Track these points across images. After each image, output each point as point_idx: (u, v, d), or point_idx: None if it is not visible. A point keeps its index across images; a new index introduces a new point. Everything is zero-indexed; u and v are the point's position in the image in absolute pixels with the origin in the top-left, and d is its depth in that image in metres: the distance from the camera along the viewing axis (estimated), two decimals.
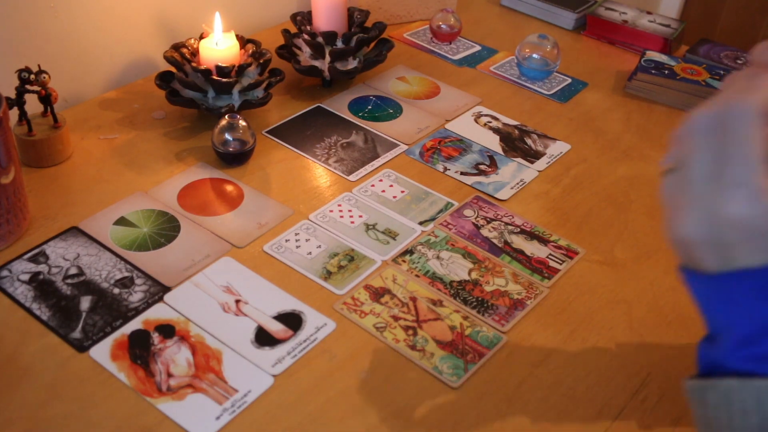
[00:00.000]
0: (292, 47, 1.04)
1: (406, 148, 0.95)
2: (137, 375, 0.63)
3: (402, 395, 0.64)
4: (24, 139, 0.84)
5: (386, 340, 0.68)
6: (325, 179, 0.88)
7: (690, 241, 0.43)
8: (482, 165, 0.93)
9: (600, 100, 1.09)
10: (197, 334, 0.67)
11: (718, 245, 0.42)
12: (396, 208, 0.84)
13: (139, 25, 1.04)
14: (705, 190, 0.42)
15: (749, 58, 0.46)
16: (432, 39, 1.21)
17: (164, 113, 0.97)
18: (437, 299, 0.73)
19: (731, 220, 0.41)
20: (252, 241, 0.78)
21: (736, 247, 0.42)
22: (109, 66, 1.03)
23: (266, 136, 0.95)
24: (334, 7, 1.01)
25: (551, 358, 0.68)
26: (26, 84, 0.82)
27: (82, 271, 0.73)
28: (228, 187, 0.86)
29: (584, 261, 0.79)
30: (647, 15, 1.29)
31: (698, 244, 0.43)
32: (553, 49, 1.10)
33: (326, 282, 0.74)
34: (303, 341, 0.68)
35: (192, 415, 0.61)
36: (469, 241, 0.80)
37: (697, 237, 0.43)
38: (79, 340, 0.66)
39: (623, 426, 0.63)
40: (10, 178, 0.72)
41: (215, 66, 0.91)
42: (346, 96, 1.04)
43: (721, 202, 0.41)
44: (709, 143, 0.42)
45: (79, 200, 0.82)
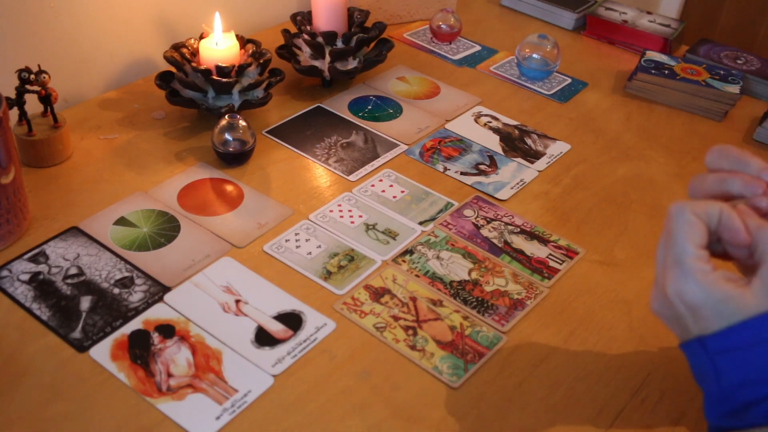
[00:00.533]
0: (292, 47, 1.04)
1: (406, 148, 0.95)
2: (137, 375, 0.63)
3: (402, 395, 0.64)
4: (24, 139, 0.84)
5: (386, 340, 0.68)
6: (325, 179, 0.88)
7: (655, 313, 0.53)
8: (482, 165, 0.93)
9: (600, 100, 1.09)
10: (197, 334, 0.67)
11: (672, 318, 0.51)
12: (396, 208, 0.84)
13: (139, 25, 1.04)
14: (659, 272, 0.52)
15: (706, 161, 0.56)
16: (432, 39, 1.21)
17: (164, 113, 0.97)
18: (437, 299, 0.73)
19: (672, 295, 0.49)
20: (252, 241, 0.78)
21: (685, 318, 0.49)
22: (109, 66, 1.03)
23: (266, 136, 0.95)
24: (334, 7, 1.01)
25: (551, 358, 0.68)
26: (26, 84, 0.82)
27: (82, 271, 0.73)
28: (228, 187, 0.86)
29: (584, 261, 0.79)
30: (647, 15, 1.29)
31: (660, 317, 0.52)
32: (553, 49, 1.10)
33: (326, 282, 0.74)
34: (303, 341, 0.68)
35: (192, 415, 0.61)
36: (469, 241, 0.80)
37: (657, 311, 0.52)
38: (79, 340, 0.66)
39: (623, 426, 0.63)
40: (10, 178, 0.72)
41: (215, 66, 0.91)
42: (346, 96, 1.04)
43: (664, 281, 0.50)
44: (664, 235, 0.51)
45: (79, 200, 0.82)
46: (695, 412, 0.64)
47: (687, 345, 0.50)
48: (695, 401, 0.65)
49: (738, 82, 1.08)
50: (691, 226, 0.49)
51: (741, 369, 0.47)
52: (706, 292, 0.47)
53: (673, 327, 0.51)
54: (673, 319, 0.50)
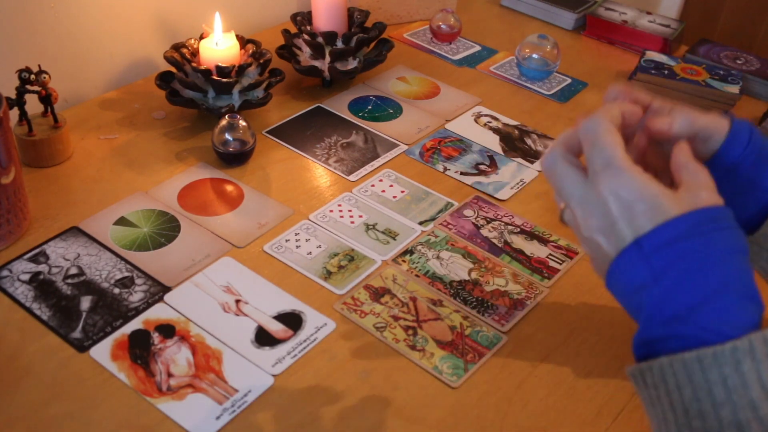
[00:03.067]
0: (292, 47, 1.05)
1: (406, 148, 0.95)
2: (137, 375, 0.63)
3: (402, 395, 0.64)
4: (24, 139, 0.84)
5: (386, 340, 0.68)
6: (325, 179, 0.88)
7: (591, 236, 0.50)
8: (482, 165, 0.93)
9: (600, 101, 1.08)
10: (197, 334, 0.67)
11: (605, 228, 0.49)
12: (396, 208, 0.84)
13: (139, 26, 1.04)
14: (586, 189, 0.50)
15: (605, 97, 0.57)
16: (432, 39, 1.21)
17: (164, 113, 0.97)
18: (437, 299, 0.73)
19: (607, 194, 0.48)
20: (252, 241, 0.78)
21: (619, 221, 0.48)
22: (109, 66, 1.03)
23: (266, 136, 0.95)
24: (334, 7, 1.01)
25: (551, 358, 0.68)
26: (26, 84, 0.82)
27: (83, 271, 0.73)
28: (228, 187, 0.86)
29: (584, 261, 0.79)
30: (647, 15, 1.29)
31: (597, 233, 0.49)
32: (553, 50, 1.10)
33: (326, 282, 0.74)
34: (303, 341, 0.68)
35: (192, 414, 0.61)
36: (469, 241, 0.80)
37: (595, 228, 0.49)
38: (79, 340, 0.66)
39: (623, 426, 0.63)
40: (10, 178, 0.72)
41: (215, 66, 0.91)
42: (346, 96, 1.04)
43: (597, 182, 0.49)
44: (568, 162, 0.51)
45: (80, 200, 0.82)
46: None
47: (620, 259, 0.48)
48: None
49: (738, 82, 1.08)
50: (610, 132, 0.50)
51: (678, 263, 0.46)
52: (642, 185, 0.47)
53: (607, 241, 0.49)
54: (607, 227, 0.48)
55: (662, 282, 0.46)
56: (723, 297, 0.45)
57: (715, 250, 0.46)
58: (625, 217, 0.48)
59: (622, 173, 0.48)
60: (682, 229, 0.46)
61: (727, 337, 0.44)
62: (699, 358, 0.44)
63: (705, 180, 0.49)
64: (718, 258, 0.46)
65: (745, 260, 0.47)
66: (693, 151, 0.62)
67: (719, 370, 0.43)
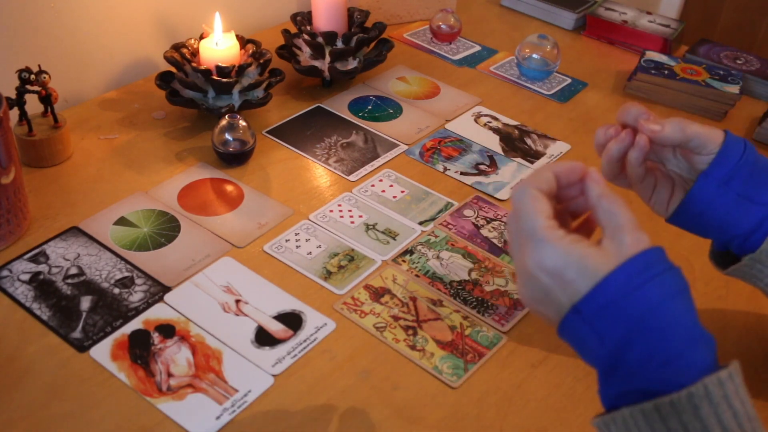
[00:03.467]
0: (292, 47, 1.05)
1: (406, 148, 0.95)
2: (137, 375, 0.63)
3: (402, 395, 0.64)
4: (24, 139, 0.84)
5: (386, 340, 0.68)
6: (325, 179, 0.88)
7: (527, 303, 0.50)
8: (482, 165, 0.93)
9: (600, 100, 1.09)
10: (197, 334, 0.67)
11: (541, 297, 0.49)
12: (396, 208, 0.84)
13: (140, 26, 1.04)
14: (516, 258, 0.50)
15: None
16: (432, 39, 1.21)
17: (164, 113, 0.97)
18: (437, 299, 0.73)
19: (534, 269, 0.48)
20: (252, 241, 0.78)
21: (553, 290, 0.48)
22: (109, 66, 1.03)
23: (266, 136, 0.95)
24: (334, 7, 1.01)
25: (551, 358, 0.68)
26: (26, 84, 0.82)
27: (83, 271, 0.73)
28: (228, 187, 0.86)
29: None
30: (647, 15, 1.29)
31: (532, 304, 0.50)
32: (553, 50, 1.10)
33: (326, 282, 0.74)
34: (303, 341, 0.68)
35: (192, 414, 0.61)
36: (469, 241, 0.80)
37: (527, 298, 0.50)
38: (79, 339, 0.66)
39: None
40: (10, 178, 0.72)
41: (215, 66, 0.91)
42: (346, 96, 1.04)
43: (523, 259, 0.49)
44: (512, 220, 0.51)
45: (80, 200, 0.82)
46: None
47: (564, 323, 0.48)
48: None
49: (738, 82, 1.08)
50: (534, 199, 0.49)
51: (619, 323, 0.45)
52: (565, 253, 0.47)
53: (547, 310, 0.49)
54: (543, 297, 0.48)
55: (607, 344, 0.46)
56: (669, 348, 0.45)
57: (651, 302, 0.45)
58: (557, 286, 0.47)
59: (544, 244, 0.48)
60: (613, 289, 0.45)
61: (682, 386, 0.43)
62: (657, 408, 0.43)
63: (624, 219, 0.48)
64: (658, 310, 0.45)
65: (686, 299, 0.47)
66: (688, 161, 0.63)
67: (678, 417, 0.43)
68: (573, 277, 0.46)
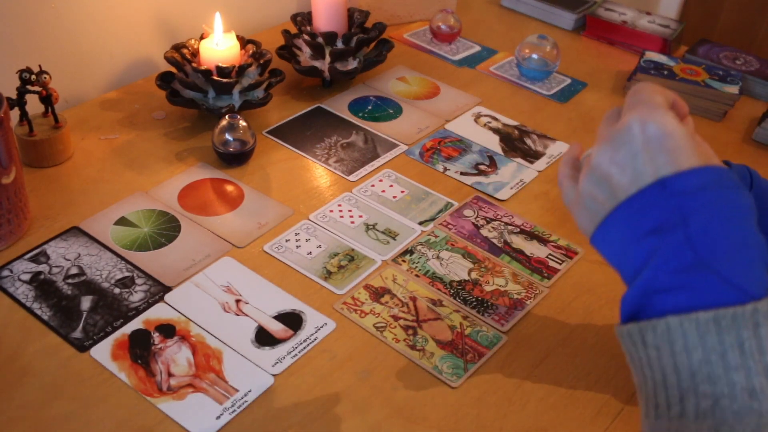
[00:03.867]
0: (292, 47, 1.05)
1: (406, 148, 0.95)
2: (138, 375, 0.63)
3: (402, 395, 0.64)
4: (25, 139, 0.84)
5: (386, 339, 0.69)
6: (325, 179, 0.88)
7: (604, 170, 0.48)
8: (482, 165, 0.93)
9: (599, 101, 1.09)
10: (198, 334, 0.68)
11: (627, 159, 0.46)
12: (396, 208, 0.84)
13: (140, 26, 1.04)
14: (614, 124, 0.48)
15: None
16: (432, 39, 1.21)
17: (164, 113, 0.97)
18: (437, 299, 0.73)
19: (634, 123, 0.46)
20: (252, 241, 0.78)
21: (639, 156, 0.45)
22: (109, 66, 1.03)
23: (266, 136, 0.95)
24: (334, 7, 1.01)
25: (551, 358, 0.68)
26: (27, 84, 0.82)
27: (83, 271, 0.73)
28: (228, 187, 0.86)
29: (584, 261, 0.80)
30: (646, 15, 1.29)
31: (612, 165, 0.47)
32: (553, 50, 1.10)
33: (326, 282, 0.74)
34: (303, 341, 0.68)
35: (192, 414, 0.61)
36: (468, 241, 0.80)
37: (610, 159, 0.47)
38: (79, 339, 0.66)
39: (623, 426, 0.63)
40: (11, 179, 0.72)
41: (215, 66, 0.91)
42: (346, 96, 1.04)
43: (627, 120, 0.47)
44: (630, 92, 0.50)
45: (80, 200, 0.82)
46: None
47: (639, 195, 0.45)
48: None
49: (737, 82, 1.08)
50: (658, 92, 0.48)
51: (706, 212, 0.43)
52: (676, 124, 0.45)
53: (620, 177, 0.46)
54: (626, 160, 0.45)
55: (687, 226, 0.43)
56: (748, 251, 0.43)
57: (738, 205, 0.44)
58: (650, 151, 0.45)
59: (656, 109, 0.45)
60: (710, 178, 0.44)
61: (746, 293, 0.41)
62: (716, 319, 0.41)
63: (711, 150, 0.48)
64: (742, 214, 0.44)
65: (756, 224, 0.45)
66: None
67: (737, 332, 0.41)
68: (670, 148, 0.44)
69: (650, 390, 0.45)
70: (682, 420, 0.42)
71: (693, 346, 0.42)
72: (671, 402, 0.43)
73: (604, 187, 0.48)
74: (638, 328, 0.44)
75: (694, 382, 0.42)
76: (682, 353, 0.42)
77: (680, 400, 0.42)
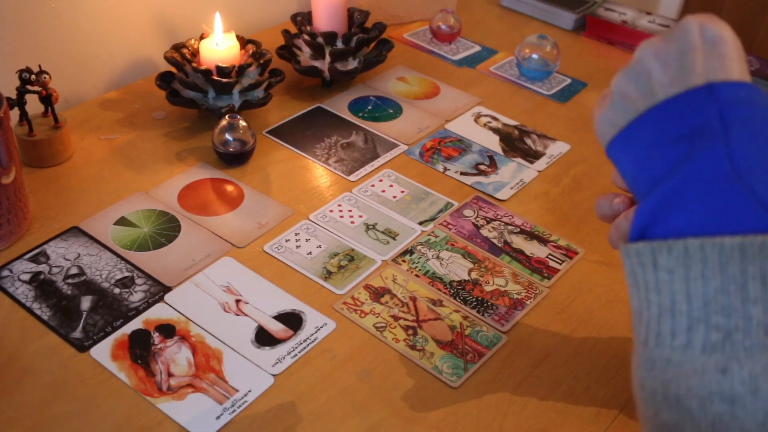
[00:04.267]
0: (292, 47, 1.05)
1: (406, 148, 0.95)
2: (138, 375, 0.63)
3: (402, 395, 0.64)
4: (25, 139, 0.84)
5: (386, 339, 0.69)
6: (325, 179, 0.88)
7: (646, 60, 0.45)
8: (482, 165, 0.93)
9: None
10: (197, 334, 0.68)
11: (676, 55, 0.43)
12: (396, 208, 0.84)
13: (140, 26, 1.04)
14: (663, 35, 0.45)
15: None
16: (432, 39, 1.21)
17: (164, 113, 0.97)
18: (437, 299, 0.73)
19: (693, 24, 0.43)
20: (252, 241, 0.78)
21: (694, 52, 0.42)
22: (109, 66, 1.03)
23: (266, 136, 0.95)
24: (334, 7, 1.01)
25: (551, 358, 0.68)
26: (27, 84, 0.82)
27: (83, 271, 0.73)
28: (228, 187, 0.86)
29: (584, 261, 0.80)
30: (647, 15, 1.29)
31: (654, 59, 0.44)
32: (553, 50, 1.10)
33: (326, 282, 0.74)
34: (303, 341, 0.68)
35: (192, 414, 0.61)
36: (469, 241, 0.80)
37: (656, 51, 0.44)
38: (79, 339, 0.66)
39: (623, 426, 0.63)
40: (10, 179, 0.72)
41: (215, 66, 0.91)
42: (346, 96, 1.04)
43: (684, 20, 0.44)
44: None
45: (80, 200, 0.82)
46: None
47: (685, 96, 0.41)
48: None
49: None
50: None
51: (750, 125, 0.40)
52: (734, 36, 0.42)
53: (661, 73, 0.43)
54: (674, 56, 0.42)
55: (728, 136, 0.39)
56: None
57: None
58: (703, 52, 0.42)
59: (716, 19, 0.42)
60: (758, 95, 0.41)
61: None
62: (742, 247, 0.37)
63: None
64: None
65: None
66: None
67: (762, 263, 0.37)
68: (724, 54, 0.41)
69: (653, 316, 0.41)
70: (687, 351, 0.39)
71: (711, 274, 0.38)
72: (676, 331, 0.40)
73: (641, 83, 0.44)
74: (650, 248, 0.40)
75: (706, 312, 0.38)
76: (698, 280, 0.39)
77: (688, 329, 0.39)
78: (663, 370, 0.40)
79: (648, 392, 0.41)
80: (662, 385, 0.40)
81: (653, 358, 0.41)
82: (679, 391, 0.39)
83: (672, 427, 0.39)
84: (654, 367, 0.40)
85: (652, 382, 0.40)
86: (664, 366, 0.40)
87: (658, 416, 0.40)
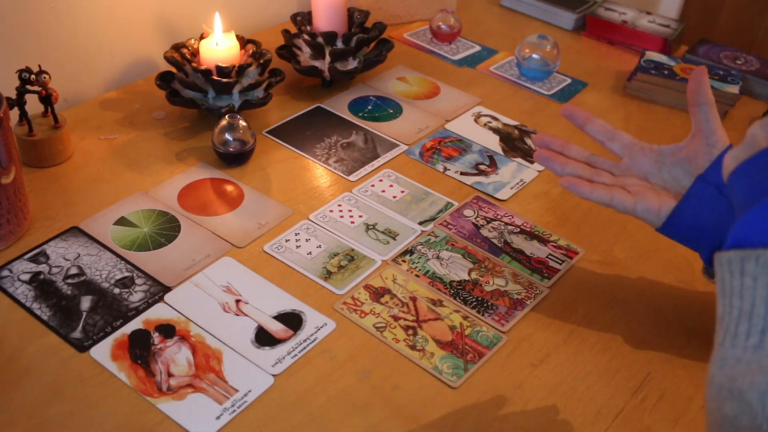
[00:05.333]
0: (292, 47, 1.05)
1: (406, 148, 0.95)
2: (137, 375, 0.63)
3: (402, 395, 0.64)
4: (25, 139, 0.84)
5: (386, 340, 0.69)
6: (325, 179, 0.88)
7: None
8: (482, 165, 0.93)
9: (600, 101, 1.09)
10: (197, 334, 0.67)
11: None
12: (396, 208, 0.84)
13: (140, 26, 1.04)
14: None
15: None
16: (432, 39, 1.21)
17: (164, 113, 0.97)
18: (437, 299, 0.73)
19: None
20: (252, 241, 0.78)
21: None
22: (109, 66, 1.03)
23: (266, 136, 0.95)
24: (334, 7, 1.01)
25: (551, 358, 0.68)
26: (27, 84, 0.82)
27: (83, 271, 0.73)
28: (228, 187, 0.86)
29: (584, 261, 0.80)
30: (647, 15, 1.29)
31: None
32: (553, 50, 1.10)
33: (326, 282, 0.74)
34: (303, 341, 0.68)
35: (192, 414, 0.61)
36: (469, 241, 0.80)
37: None
38: (79, 339, 0.66)
39: (623, 426, 0.63)
40: (10, 178, 0.72)
41: (215, 66, 0.91)
42: (346, 96, 1.04)
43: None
44: None
45: (80, 200, 0.82)
46: (694, 412, 0.64)
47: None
48: (695, 401, 0.65)
49: (737, 82, 1.08)
50: None
51: None
52: None
53: None
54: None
55: None
56: None
57: None
58: None
59: None
60: None
61: None
62: None
63: None
64: None
65: None
66: (686, 165, 0.66)
67: None
68: None
69: (733, 319, 0.44)
70: (757, 352, 0.42)
71: None
72: (751, 333, 0.42)
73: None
74: (740, 256, 0.43)
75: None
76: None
77: (762, 331, 0.42)
78: (732, 366, 0.42)
79: (716, 387, 0.43)
80: (729, 380, 0.42)
81: (726, 357, 0.43)
82: (743, 386, 0.41)
83: (731, 419, 0.41)
84: (725, 365, 0.43)
85: (721, 378, 0.43)
86: (734, 363, 0.42)
87: (721, 409, 0.42)
